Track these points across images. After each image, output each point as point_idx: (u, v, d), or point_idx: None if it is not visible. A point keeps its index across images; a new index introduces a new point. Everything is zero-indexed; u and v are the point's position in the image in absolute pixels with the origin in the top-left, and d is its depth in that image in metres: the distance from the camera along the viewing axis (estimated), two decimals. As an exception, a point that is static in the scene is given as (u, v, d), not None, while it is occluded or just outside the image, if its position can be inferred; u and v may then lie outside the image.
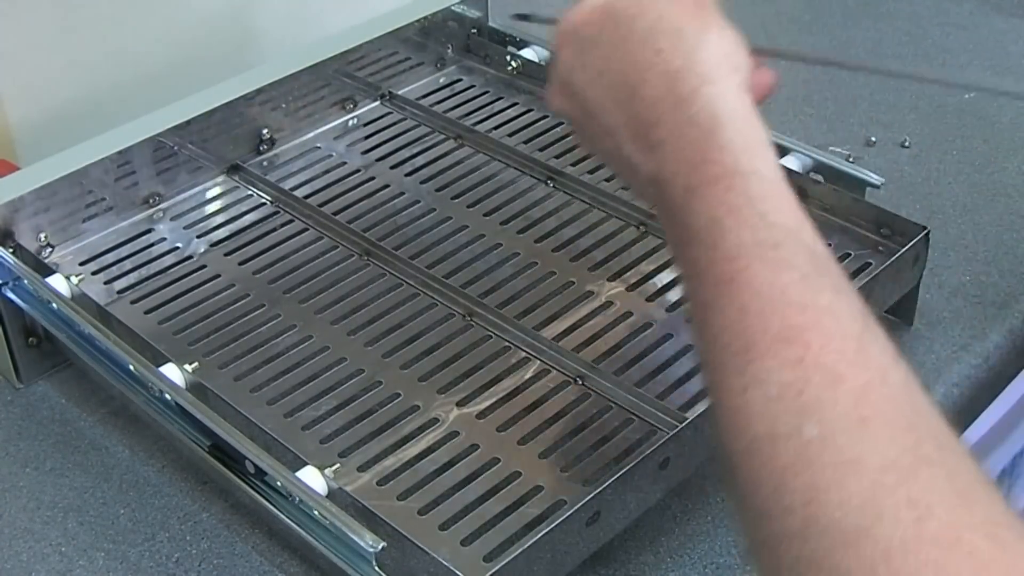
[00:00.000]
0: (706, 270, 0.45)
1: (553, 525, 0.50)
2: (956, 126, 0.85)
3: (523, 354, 0.62)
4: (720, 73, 0.49)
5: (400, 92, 0.82)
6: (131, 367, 0.57)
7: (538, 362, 0.62)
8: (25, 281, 0.62)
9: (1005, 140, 0.84)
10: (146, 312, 0.65)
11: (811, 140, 0.82)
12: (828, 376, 0.41)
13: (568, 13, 0.54)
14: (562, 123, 0.79)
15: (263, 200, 0.73)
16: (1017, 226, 0.76)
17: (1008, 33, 0.96)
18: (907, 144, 0.83)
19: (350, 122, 0.79)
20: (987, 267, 0.72)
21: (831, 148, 0.81)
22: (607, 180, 0.74)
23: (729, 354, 0.43)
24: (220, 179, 0.74)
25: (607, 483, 0.51)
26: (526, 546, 0.49)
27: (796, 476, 0.40)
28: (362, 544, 0.49)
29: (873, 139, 0.83)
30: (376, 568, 0.50)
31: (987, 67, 0.92)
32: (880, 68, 0.68)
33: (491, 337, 0.63)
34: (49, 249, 0.68)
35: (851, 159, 0.78)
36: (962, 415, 0.65)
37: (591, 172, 0.74)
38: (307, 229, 0.70)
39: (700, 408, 0.56)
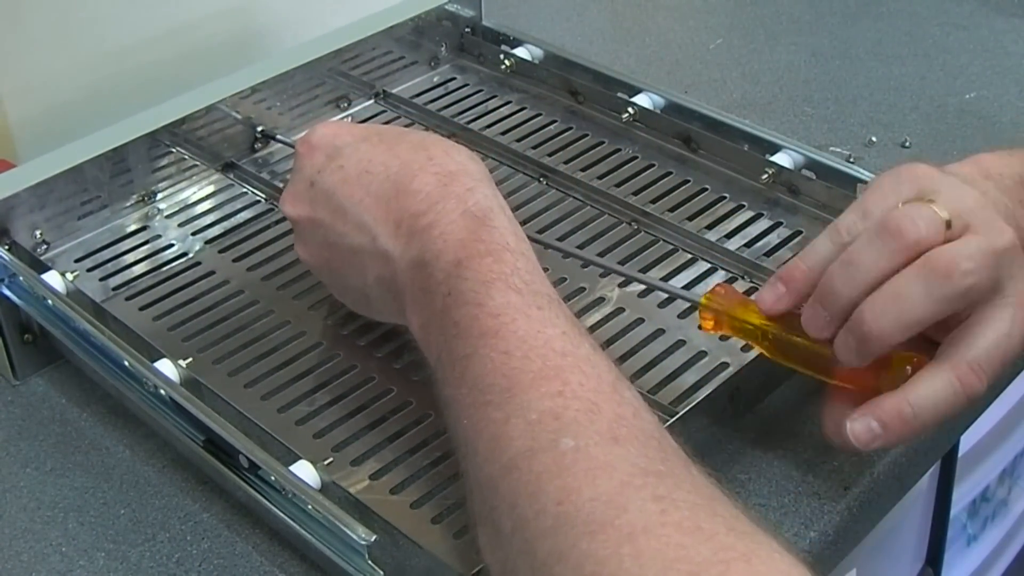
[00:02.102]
0: (470, 327, 0.48)
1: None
2: (956, 126, 0.85)
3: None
4: (487, 181, 0.54)
5: (394, 90, 0.82)
6: (126, 363, 0.58)
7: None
8: (20, 278, 0.62)
9: (1005, 140, 0.84)
10: (141, 308, 0.66)
11: (811, 140, 0.82)
12: (585, 405, 0.44)
13: (318, 127, 0.59)
14: (555, 121, 0.80)
15: (257, 198, 0.73)
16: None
17: (1008, 33, 0.96)
18: (907, 144, 0.83)
19: (344, 120, 0.80)
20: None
21: (831, 148, 0.81)
22: (599, 178, 0.74)
23: (492, 393, 0.46)
24: (215, 177, 0.75)
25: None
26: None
27: (551, 480, 0.42)
28: (354, 537, 0.50)
29: (873, 139, 0.84)
30: (369, 561, 0.50)
31: (987, 67, 0.92)
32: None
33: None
34: (44, 246, 0.68)
35: (851, 159, 0.78)
36: (962, 415, 0.65)
37: (583, 170, 0.75)
38: (301, 226, 0.71)
39: (691, 403, 0.56)
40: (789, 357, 0.55)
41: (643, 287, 0.66)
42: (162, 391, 0.56)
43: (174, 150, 0.72)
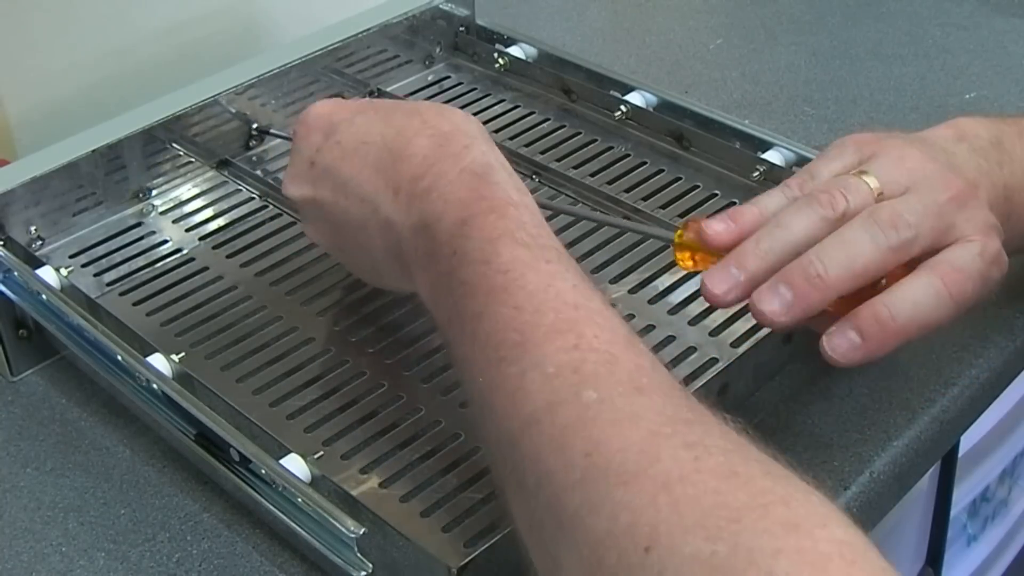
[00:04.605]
0: (478, 284, 0.47)
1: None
2: (956, 126, 0.85)
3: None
4: (483, 139, 0.53)
5: (389, 89, 0.82)
6: (119, 357, 0.58)
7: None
8: (15, 273, 0.63)
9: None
10: (135, 304, 0.66)
11: (811, 140, 0.82)
12: (603, 356, 0.43)
13: (312, 107, 0.59)
14: (548, 119, 0.80)
15: (252, 195, 0.74)
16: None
17: (1008, 33, 0.96)
18: (908, 144, 0.83)
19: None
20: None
21: None
22: (592, 175, 0.75)
23: (504, 349, 0.44)
24: (209, 174, 0.75)
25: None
26: (504, 531, 0.50)
27: (576, 433, 0.41)
28: (343, 530, 0.50)
29: (874, 139, 0.84)
30: (358, 554, 0.51)
31: (987, 67, 0.92)
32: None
33: (475, 328, 0.64)
34: (39, 242, 0.69)
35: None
36: (962, 415, 0.65)
37: (576, 167, 0.75)
38: (295, 223, 0.71)
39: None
40: None
41: (633, 285, 0.66)
42: (154, 385, 0.57)
43: (169, 147, 0.73)
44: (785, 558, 0.35)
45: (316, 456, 0.56)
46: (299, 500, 0.52)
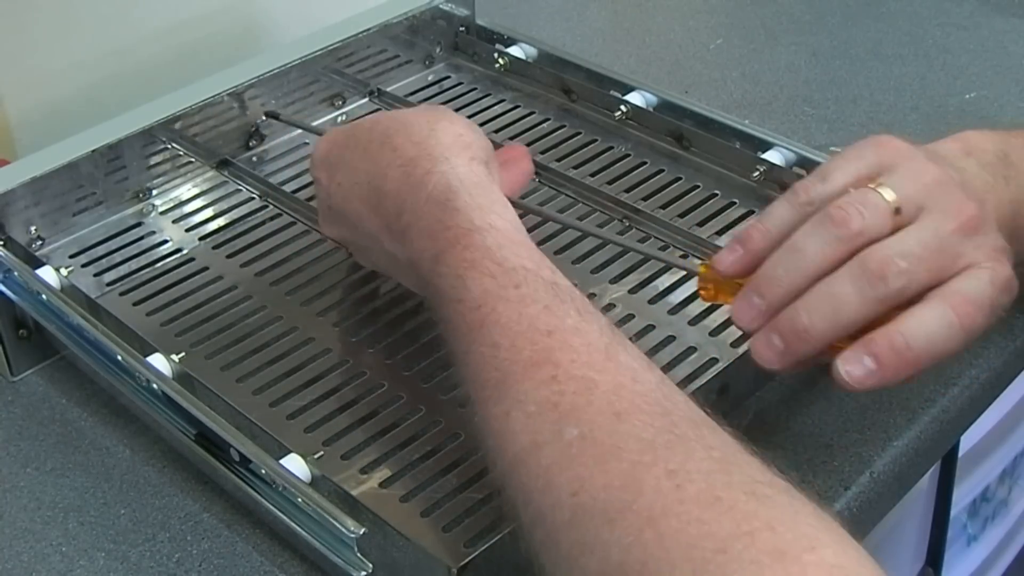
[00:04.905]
0: (457, 322, 0.48)
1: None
2: (956, 126, 0.84)
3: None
4: (450, 153, 0.54)
5: (389, 89, 0.82)
6: (119, 357, 0.58)
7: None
8: (16, 273, 0.63)
9: (1006, 140, 0.84)
10: (135, 304, 0.66)
11: (811, 140, 0.82)
12: (581, 384, 0.43)
13: (315, 147, 0.61)
14: (548, 119, 0.80)
15: (252, 195, 0.74)
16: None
17: (1008, 33, 0.96)
18: (907, 144, 0.83)
19: (339, 118, 0.80)
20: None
21: (831, 148, 0.81)
22: (592, 175, 0.75)
23: (489, 387, 0.45)
24: (210, 174, 0.75)
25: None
26: (504, 531, 0.50)
27: (561, 472, 0.41)
28: (343, 530, 0.50)
29: (874, 139, 0.84)
30: (358, 554, 0.51)
31: (987, 67, 0.92)
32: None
33: (475, 328, 0.64)
34: (40, 242, 0.69)
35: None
36: (962, 415, 0.65)
37: (576, 167, 0.75)
38: (295, 223, 0.71)
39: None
40: None
41: (633, 285, 0.66)
42: (154, 385, 0.57)
43: (169, 147, 0.73)
44: None
45: (316, 456, 0.56)
46: (299, 500, 0.52)
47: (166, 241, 0.70)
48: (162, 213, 0.72)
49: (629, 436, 0.41)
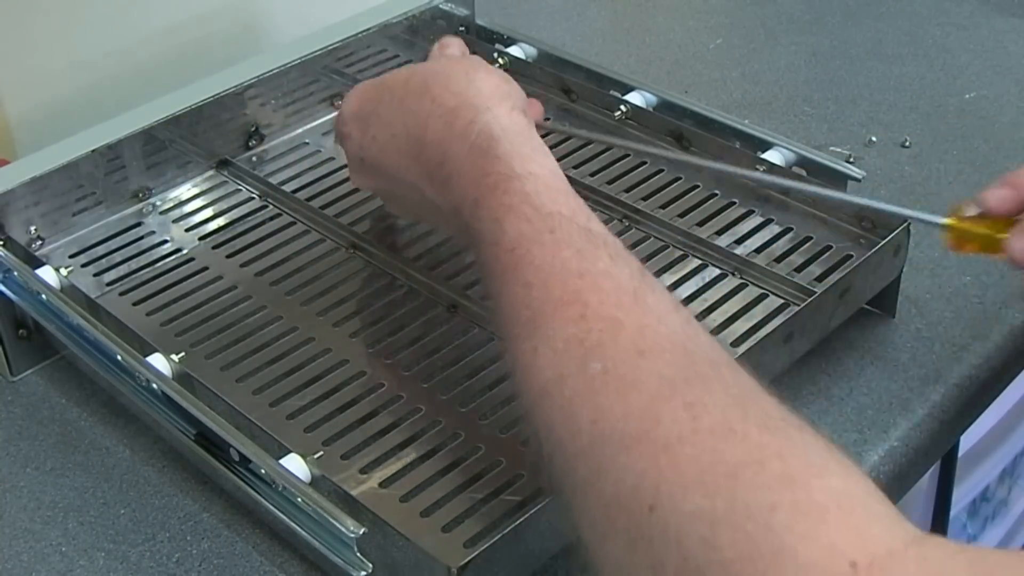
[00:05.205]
0: (493, 264, 0.50)
1: (530, 512, 0.51)
2: (956, 126, 0.85)
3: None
4: (492, 102, 0.55)
5: (389, 89, 0.82)
6: (119, 357, 0.58)
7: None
8: (15, 273, 0.63)
9: (1005, 140, 0.84)
10: (134, 304, 0.66)
11: (811, 140, 0.82)
12: (607, 324, 0.45)
13: (344, 102, 0.62)
14: (548, 118, 0.80)
15: (252, 195, 0.74)
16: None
17: (1008, 33, 0.96)
18: (907, 144, 0.83)
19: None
20: (988, 267, 0.72)
21: (831, 148, 0.81)
22: (591, 175, 0.75)
23: (519, 325, 0.47)
24: (209, 174, 0.75)
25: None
26: (504, 531, 0.50)
27: (583, 403, 0.43)
28: (343, 530, 0.50)
29: (873, 139, 0.84)
30: (358, 554, 0.51)
31: (987, 67, 0.92)
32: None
33: (474, 328, 0.64)
34: (39, 242, 0.69)
35: (851, 159, 0.78)
36: (962, 415, 0.65)
37: (576, 167, 0.75)
38: (294, 223, 0.71)
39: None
40: None
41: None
42: (154, 385, 0.57)
43: (169, 147, 0.73)
44: (782, 511, 0.36)
45: (316, 456, 0.56)
46: (299, 500, 0.52)
47: (166, 241, 0.70)
48: (162, 213, 0.72)
49: (651, 372, 0.43)
